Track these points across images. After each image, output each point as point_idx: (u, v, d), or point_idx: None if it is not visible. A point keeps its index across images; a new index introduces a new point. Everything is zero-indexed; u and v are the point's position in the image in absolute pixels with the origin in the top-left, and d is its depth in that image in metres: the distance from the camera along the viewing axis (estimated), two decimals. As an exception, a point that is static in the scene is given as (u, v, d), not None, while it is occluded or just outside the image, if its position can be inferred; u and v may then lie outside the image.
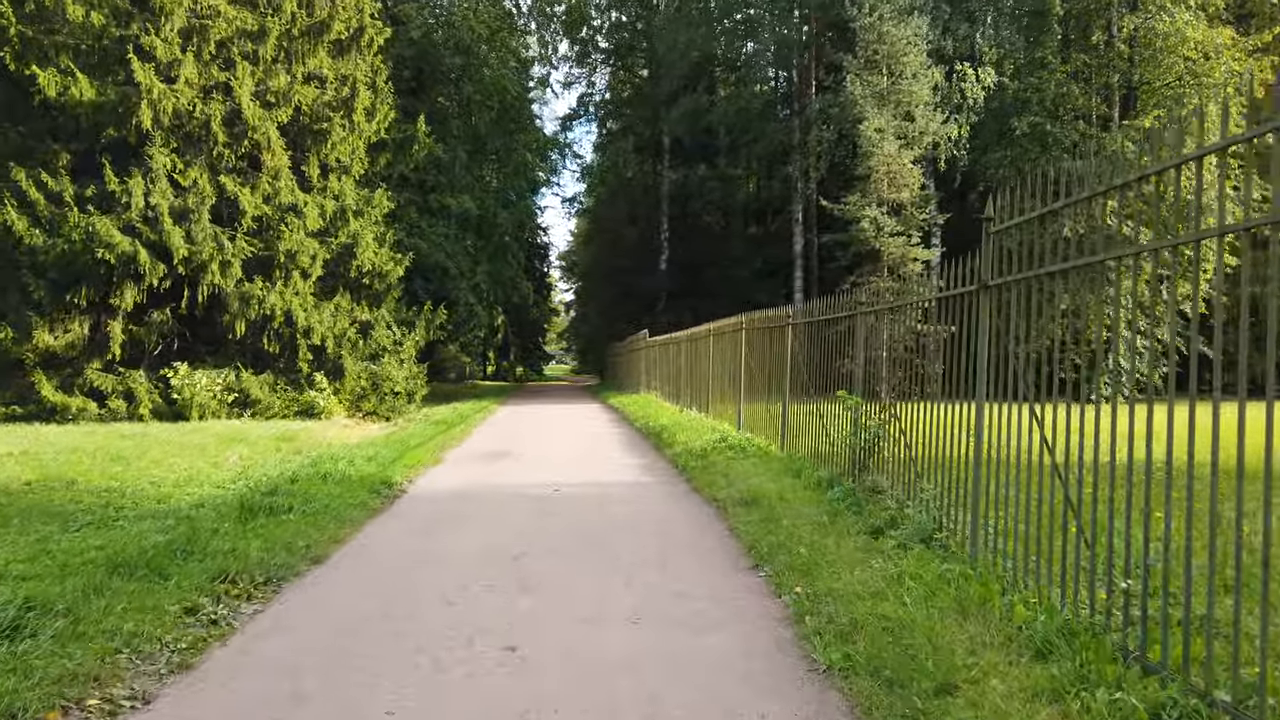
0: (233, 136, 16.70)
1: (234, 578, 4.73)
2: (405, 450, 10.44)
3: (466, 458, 10.49)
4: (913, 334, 6.08)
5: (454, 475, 9.06)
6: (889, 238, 20.86)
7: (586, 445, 11.83)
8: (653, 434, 12.35)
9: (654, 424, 13.05)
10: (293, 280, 17.41)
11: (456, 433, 13.31)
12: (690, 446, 9.92)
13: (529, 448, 11.62)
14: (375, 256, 18.57)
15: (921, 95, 20.83)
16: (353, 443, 12.84)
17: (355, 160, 18.74)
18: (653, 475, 9.03)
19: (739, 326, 10.72)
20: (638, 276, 34.87)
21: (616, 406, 19.68)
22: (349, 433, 15.15)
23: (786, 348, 8.65)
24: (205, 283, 16.12)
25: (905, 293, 5.66)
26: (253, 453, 10.91)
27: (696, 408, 13.99)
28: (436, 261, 23.85)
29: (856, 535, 5.35)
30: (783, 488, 6.96)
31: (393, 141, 20.04)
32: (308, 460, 9.11)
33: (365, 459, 9.12)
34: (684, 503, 7.44)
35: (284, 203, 17.13)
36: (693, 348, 14.64)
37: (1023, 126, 23.54)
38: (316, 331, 17.33)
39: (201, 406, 15.84)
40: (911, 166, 20.69)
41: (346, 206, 18.31)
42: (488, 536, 6.14)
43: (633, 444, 11.98)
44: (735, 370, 10.95)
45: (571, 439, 12.76)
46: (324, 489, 7.31)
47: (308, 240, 17.40)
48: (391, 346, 18.83)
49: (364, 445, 10.66)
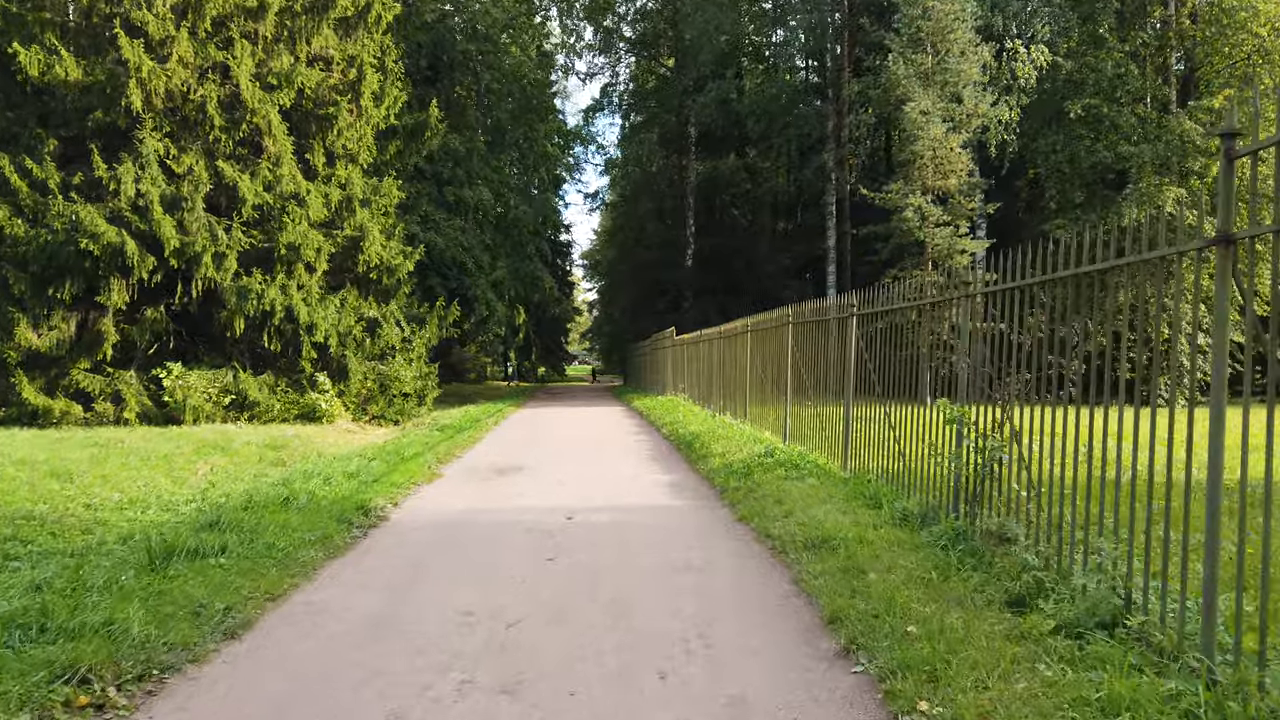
0: (231, 121, 15.36)
1: (90, 673, 3.19)
2: (400, 462, 8.92)
3: (469, 472, 8.94)
4: (1044, 318, 4.39)
5: (450, 496, 7.50)
6: (934, 228, 19.04)
7: (607, 457, 10.24)
8: (683, 443, 10.73)
9: (683, 431, 11.42)
10: (296, 274, 16.05)
11: (463, 440, 11.77)
12: (729, 461, 8.29)
13: (542, 460, 10.05)
14: (384, 250, 17.15)
15: (970, 74, 18.96)
16: (348, 451, 11.38)
17: (363, 147, 17.33)
18: (686, 498, 7.40)
19: (784, 320, 9.07)
20: (662, 273, 33.23)
21: (641, 410, 18.06)
22: (349, 438, 13.71)
23: (849, 344, 7.00)
24: (200, 276, 14.79)
25: (1049, 262, 4.00)
26: (231, 464, 9.47)
27: (731, 413, 12.34)
28: (453, 256, 22.46)
29: (990, 608, 3.67)
30: (859, 523, 5.30)
31: (404, 128, 18.61)
32: (281, 477, 7.61)
33: (346, 475, 7.60)
34: (729, 539, 5.80)
35: (286, 191, 15.76)
36: (726, 346, 13.00)
37: (1076, 109, 21.55)
38: (320, 329, 15.94)
39: (195, 409, 14.51)
40: (960, 151, 18.85)
41: (353, 196, 16.91)
42: (476, 593, 4.56)
43: (660, 455, 10.37)
44: (779, 371, 9.31)
45: (591, 449, 11.17)
46: (279, 518, 5.78)
47: (311, 232, 16.02)
48: (401, 345, 17.41)
49: (353, 456, 9.15)
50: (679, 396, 18.71)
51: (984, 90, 19.72)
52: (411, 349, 17.61)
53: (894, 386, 6.41)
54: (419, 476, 8.26)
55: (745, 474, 7.44)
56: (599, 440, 12.42)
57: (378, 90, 17.25)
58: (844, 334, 7.10)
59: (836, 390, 7.58)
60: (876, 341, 6.68)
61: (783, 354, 9.10)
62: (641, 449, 11.19)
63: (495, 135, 26.67)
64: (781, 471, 7.19)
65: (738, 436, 9.73)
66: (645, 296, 34.42)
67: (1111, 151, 21.38)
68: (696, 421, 12.24)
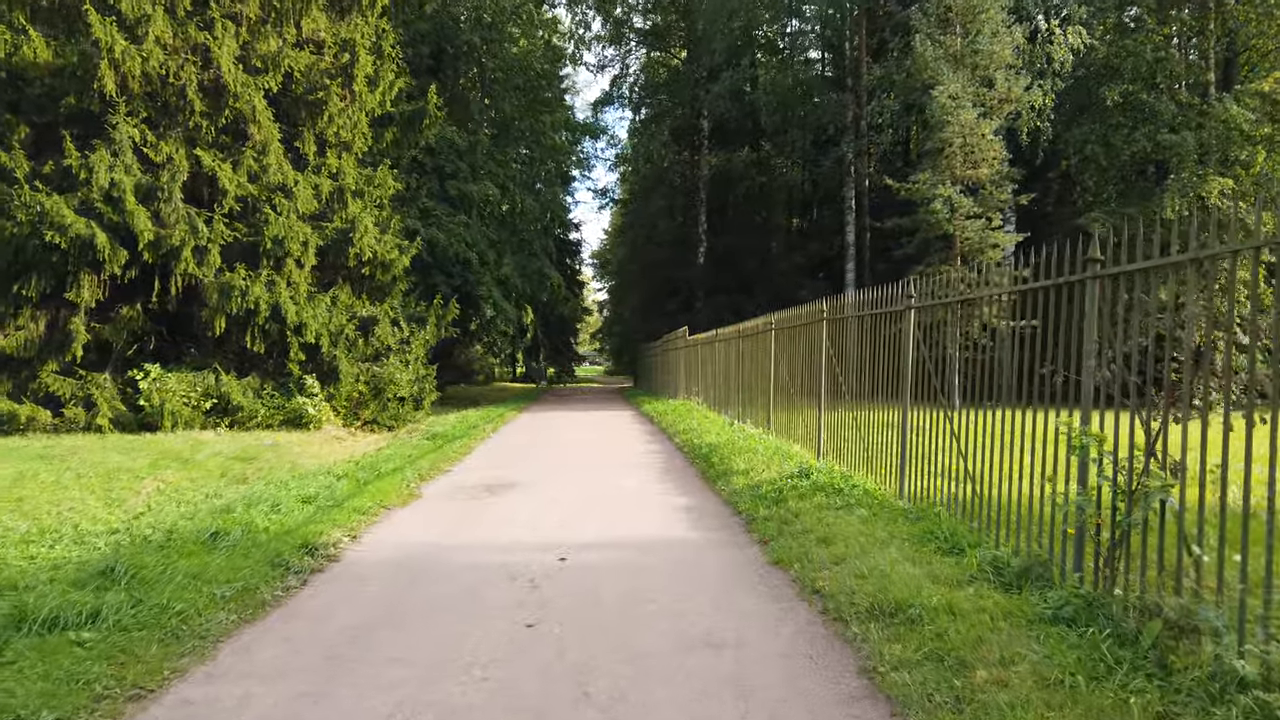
0: (212, 106, 14.17)
1: None
2: (374, 479, 7.62)
3: (453, 492, 7.63)
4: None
5: (423, 526, 6.20)
6: (965, 220, 17.61)
7: (614, 472, 8.90)
8: (698, 456, 9.38)
9: (699, 442, 10.06)
10: (286, 270, 14.85)
11: (453, 451, 10.45)
12: (755, 481, 6.94)
13: (539, 475, 8.73)
14: (378, 244, 15.92)
15: (1003, 55, 17.50)
16: (324, 464, 10.12)
17: (356, 135, 16.10)
18: (705, 528, 6.06)
19: (817, 317, 7.70)
20: (674, 271, 31.87)
21: (652, 415, 16.69)
22: (334, 447, 12.46)
23: (906, 343, 5.65)
24: (179, 272, 13.60)
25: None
26: (186, 480, 8.21)
27: (752, 421, 10.96)
28: (456, 253, 21.22)
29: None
30: (938, 578, 3.96)
31: (401, 116, 17.38)
32: (225, 503, 6.33)
33: (302, 499, 6.31)
34: (763, 595, 4.44)
35: (272, 182, 14.55)
36: (747, 347, 11.64)
37: (1114, 96, 20.04)
38: (309, 328, 14.72)
39: (173, 415, 13.31)
40: (992, 138, 17.40)
41: (345, 187, 15.69)
42: (425, 687, 3.26)
43: (674, 471, 9.03)
44: (811, 375, 7.94)
45: (595, 462, 9.83)
46: (196, 563, 4.50)
47: (299, 224, 14.81)
48: (397, 346, 16.16)
49: (322, 472, 7.85)
50: (692, 401, 17.35)
51: (1017, 74, 18.25)
52: (409, 350, 16.37)
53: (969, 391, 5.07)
54: (392, 498, 6.96)
55: (776, 500, 6.09)
56: (605, 451, 11.07)
57: (372, 74, 16.03)
58: (900, 330, 5.75)
59: (885, 396, 6.22)
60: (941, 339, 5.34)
61: (815, 355, 7.75)
62: (652, 462, 9.84)
63: (500, 128, 25.43)
64: (822, 498, 5.84)
65: (762, 450, 8.37)
66: (656, 296, 33.07)
67: (1150, 140, 19.86)
68: (713, 430, 10.88)
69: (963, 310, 5.04)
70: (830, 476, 6.43)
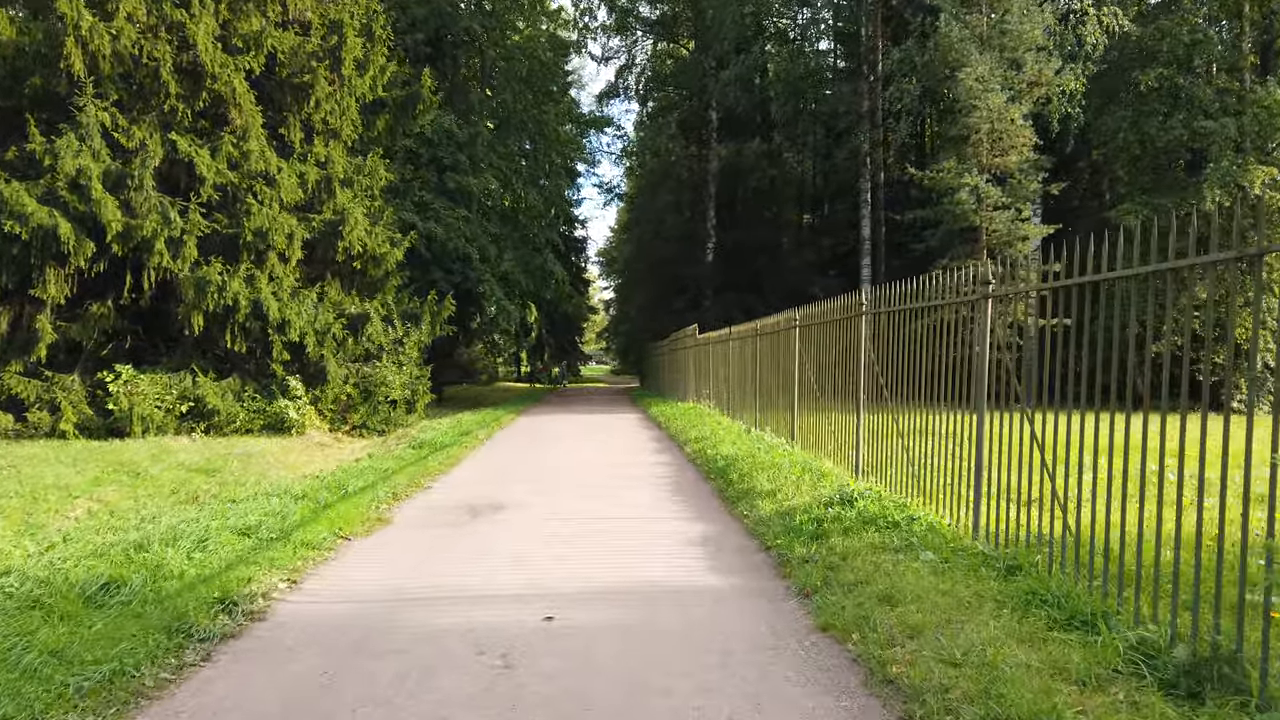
0: (190, 88, 13.09)
1: None
2: (338, 500, 6.47)
3: (429, 516, 6.47)
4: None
5: (381, 565, 5.04)
6: (992, 212, 16.37)
7: (616, 491, 7.66)
8: (714, 471, 8.19)
9: (714, 453, 8.85)
10: (268, 264, 13.75)
11: (438, 462, 9.27)
12: (785, 506, 5.75)
13: (532, 492, 7.56)
14: (368, 236, 14.80)
15: (1033, 36, 16.23)
16: (304, 474, 9.00)
17: (345, 122, 14.99)
18: (729, 571, 4.86)
19: (854, 311, 6.48)
20: (682, 268, 30.66)
21: (660, 420, 15.48)
22: (316, 455, 11.35)
23: (984, 339, 4.46)
24: (151, 266, 12.53)
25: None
26: (129, 499, 7.10)
27: (772, 429, 9.73)
28: (455, 248, 20.11)
29: None
30: (1067, 673, 2.79)
31: (393, 101, 16.25)
32: (141, 536, 5.19)
33: (238, 531, 5.16)
34: (817, 683, 3.21)
35: (254, 169, 13.45)
36: (765, 346, 10.43)
37: (1148, 81, 18.75)
38: (294, 326, 13.63)
39: (144, 419, 12.23)
40: (1021, 123, 16.16)
41: (333, 175, 14.59)
42: None
43: (685, 488, 7.83)
44: (847, 379, 6.72)
45: (597, 476, 8.61)
46: (63, 631, 3.37)
47: (283, 215, 13.72)
48: (389, 345, 15.05)
49: (277, 493, 6.70)
50: (703, 404, 16.16)
51: (1048, 56, 16.98)
52: (402, 350, 15.25)
53: (1063, 395, 3.89)
54: (354, 525, 5.81)
55: (815, 534, 4.92)
56: (607, 463, 9.87)
57: (361, 58, 14.91)
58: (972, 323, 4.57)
59: (941, 401, 5.04)
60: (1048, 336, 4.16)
61: (852, 355, 6.55)
62: (661, 477, 8.65)
63: (502, 121, 24.30)
64: (874, 535, 4.65)
65: (787, 465, 7.17)
66: (663, 294, 31.85)
67: (1186, 127, 18.55)
68: (729, 439, 9.67)
69: (1064, 299, 3.86)
70: (879, 505, 5.22)
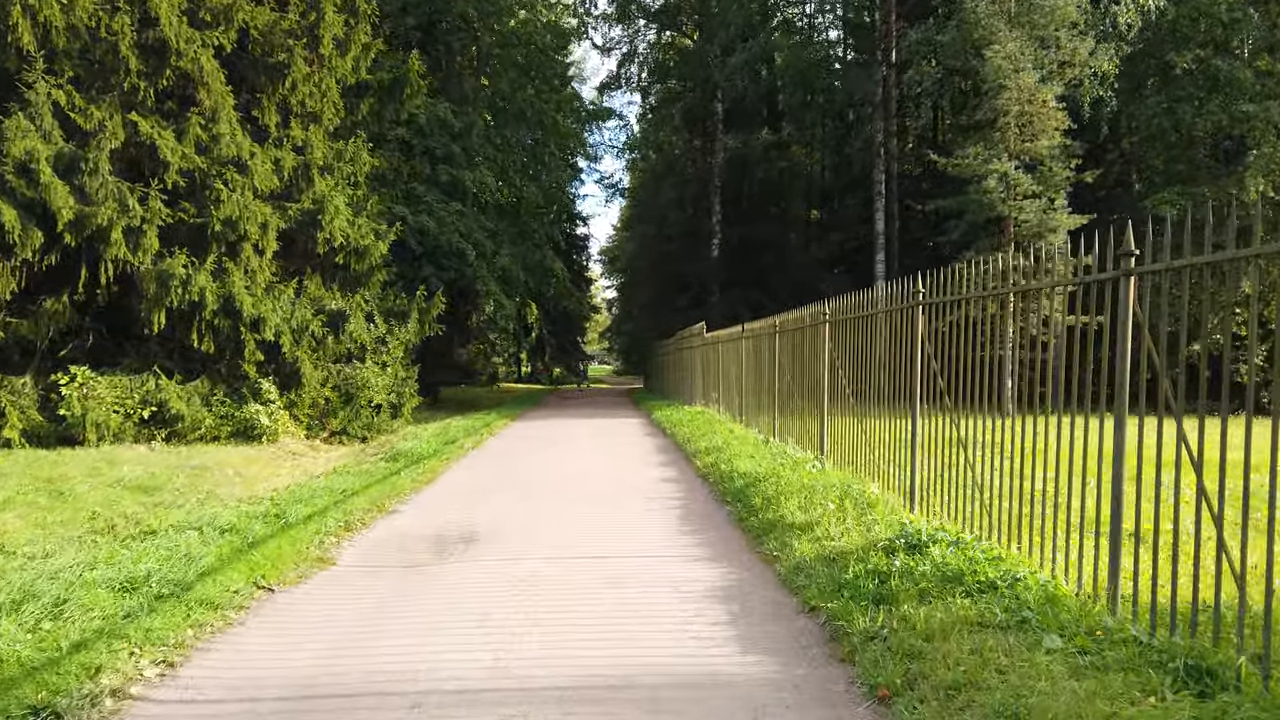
0: (153, 65, 11.90)
1: None
2: (275, 532, 5.26)
3: (381, 554, 5.22)
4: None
5: (302, 634, 3.79)
6: (1021, 201, 15.10)
7: (614, 517, 6.31)
8: (732, 493, 6.88)
9: (729, 469, 7.55)
10: (242, 256, 12.57)
11: (412, 478, 8.00)
12: (829, 549, 4.46)
13: (511, 522, 6.24)
14: (351, 228, 13.61)
15: (1067, 12, 14.96)
16: (264, 490, 7.81)
17: (326, 105, 13.79)
18: (764, 651, 3.43)
19: (907, 302, 5.20)
20: (686, 265, 29.42)
21: (665, 426, 14.20)
22: (282, 468, 10.14)
23: (1126, 323, 3.21)
24: (108, 258, 11.34)
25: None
26: (32, 529, 5.89)
27: (795, 439, 8.45)
28: (449, 243, 18.94)
29: None
30: None
31: (378, 84, 15.04)
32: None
33: (120, 584, 3.94)
34: None
35: (224, 154, 12.27)
36: (786, 344, 9.13)
37: (1184, 63, 17.47)
38: (268, 323, 12.44)
39: (99, 426, 11.04)
40: (1054, 105, 14.89)
41: (311, 162, 13.39)
42: None
43: (697, 515, 6.45)
44: (893, 385, 5.47)
45: (593, 497, 7.28)
46: None
47: (256, 204, 12.54)
48: (373, 345, 13.85)
49: (192, 524, 5.45)
50: (711, 408, 14.92)
51: (1081, 34, 15.70)
52: (386, 349, 14.05)
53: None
54: (283, 569, 4.60)
55: (879, 596, 3.63)
56: (605, 480, 8.58)
57: (341, 35, 13.70)
58: (1116, 305, 3.29)
59: (1087, 413, 3.79)
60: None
61: (901, 356, 5.29)
62: (668, 498, 7.38)
63: (499, 111, 23.08)
64: (965, 602, 3.33)
65: (821, 488, 5.90)
66: (666, 292, 30.60)
67: (1225, 112, 17.26)
68: (745, 451, 8.40)
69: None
70: (963, 556, 3.88)
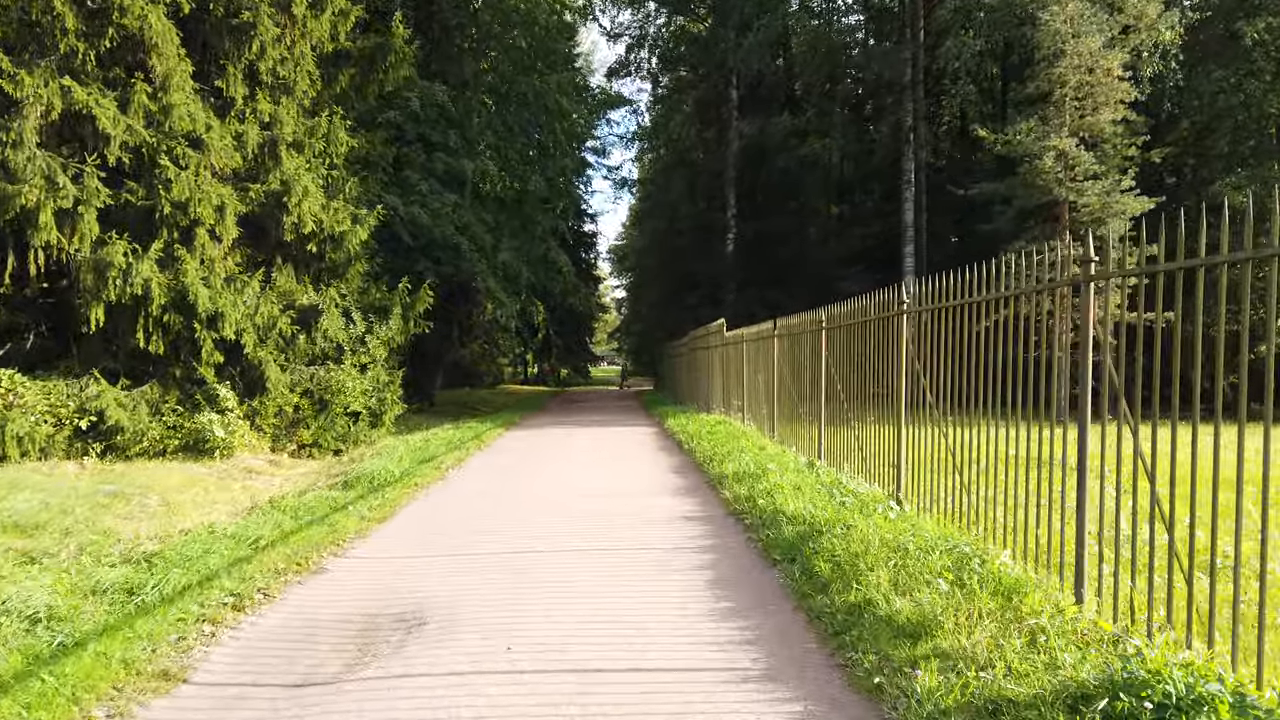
0: (94, 26, 10.23)
1: None
2: (117, 622, 3.52)
3: (262, 664, 3.38)
4: None
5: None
6: (1083, 182, 13.21)
7: (620, 586, 4.50)
8: (782, 549, 4.92)
9: (772, 509, 5.60)
10: (197, 243, 10.88)
11: (359, 519, 6.08)
12: (981, 693, 2.72)
13: (477, 597, 4.26)
14: (323, 212, 11.92)
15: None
16: (191, 526, 6.09)
17: (299, 75, 12.09)
18: None
19: (1073, 277, 3.32)
20: (699, 262, 27.63)
21: (681, 438, 12.27)
22: (232, 491, 8.41)
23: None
24: (37, 244, 9.68)
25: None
26: None
27: (852, 466, 6.51)
28: (443, 236, 17.27)
29: None
30: None
31: (359, 53, 13.33)
32: None
33: None
34: None
35: (178, 128, 10.59)
36: (841, 343, 7.26)
37: (1253, 33, 15.54)
38: (227, 320, 10.76)
39: (23, 440, 9.37)
40: (1120, 74, 13.01)
41: (279, 138, 11.70)
42: None
43: (736, 582, 4.52)
44: (1054, 390, 3.56)
45: (590, 552, 5.29)
46: None
47: (214, 185, 10.87)
48: (351, 344, 12.14)
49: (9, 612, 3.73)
50: (733, 419, 13.10)
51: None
52: (366, 350, 12.34)
53: None
54: (91, 701, 2.87)
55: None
56: (612, 511, 6.66)
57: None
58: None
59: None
60: None
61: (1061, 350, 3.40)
62: (693, 550, 5.29)
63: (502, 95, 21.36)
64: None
65: (917, 552, 3.94)
66: (678, 289, 28.80)
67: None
68: (788, 481, 6.47)
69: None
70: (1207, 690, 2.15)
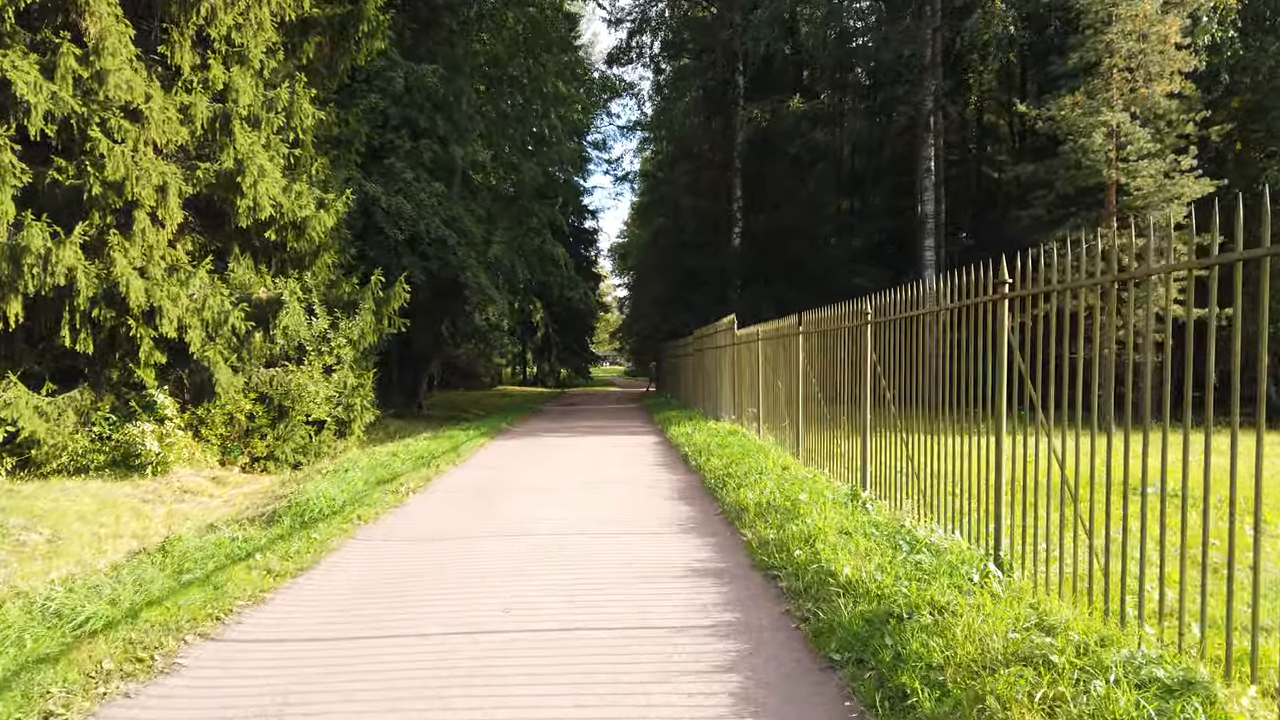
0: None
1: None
2: None
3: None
4: None
5: None
6: (1136, 162, 11.72)
7: (612, 675, 3.01)
8: (845, 641, 3.22)
9: (822, 572, 3.95)
10: (135, 229, 9.48)
11: (262, 574, 4.38)
12: None
13: (411, 706, 2.99)
14: (283, 195, 10.50)
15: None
16: (80, 571, 4.66)
17: (257, 41, 10.67)
18: None
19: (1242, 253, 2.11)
20: (704, 259, 26.19)
21: (687, 452, 10.66)
22: (152, 521, 6.98)
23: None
24: (-61, 227, 8.29)
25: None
26: None
27: (914, 503, 5.03)
28: (429, 228, 15.90)
29: None
30: None
31: (328, 21, 11.90)
32: None
33: None
34: None
35: (112, 98, 9.20)
36: (889, 343, 5.76)
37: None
38: (167, 315, 9.34)
39: (-80, 454, 7.96)
40: (1179, 40, 11.52)
41: (234, 111, 10.27)
42: None
43: (784, 687, 2.90)
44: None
45: (571, 631, 3.58)
46: None
47: (156, 162, 9.46)
48: (314, 343, 10.71)
49: None
50: (748, 429, 11.61)
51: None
52: (333, 348, 10.91)
53: None
54: None
55: None
56: (602, 564, 5.02)
57: (276, -51, 10.58)
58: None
59: None
60: None
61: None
62: (712, 637, 3.47)
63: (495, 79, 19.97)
64: None
65: (1062, 663, 2.69)
66: (682, 287, 27.34)
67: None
68: (832, 523, 4.82)
69: None
70: None
